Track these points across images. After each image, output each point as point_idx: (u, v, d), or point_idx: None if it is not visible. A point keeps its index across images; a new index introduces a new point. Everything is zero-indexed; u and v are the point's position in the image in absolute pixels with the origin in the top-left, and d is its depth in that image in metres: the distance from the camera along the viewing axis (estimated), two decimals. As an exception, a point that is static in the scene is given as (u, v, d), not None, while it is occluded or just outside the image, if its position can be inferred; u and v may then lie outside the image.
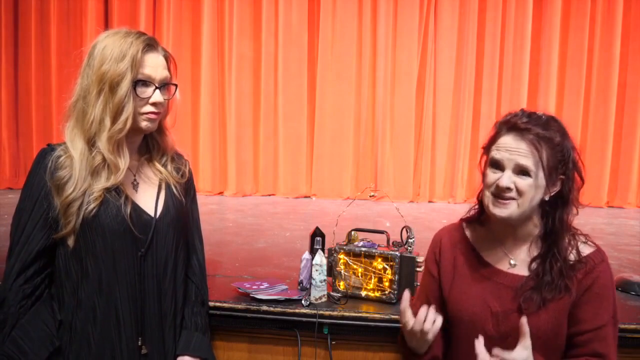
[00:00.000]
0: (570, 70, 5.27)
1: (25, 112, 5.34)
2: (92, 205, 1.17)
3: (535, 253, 1.17)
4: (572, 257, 1.13)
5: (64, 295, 1.22)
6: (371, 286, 1.65)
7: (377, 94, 5.34)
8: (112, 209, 1.20)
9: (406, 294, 1.17)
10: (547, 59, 5.25)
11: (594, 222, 4.11)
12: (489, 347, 1.13)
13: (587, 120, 5.30)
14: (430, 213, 4.46)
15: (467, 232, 1.28)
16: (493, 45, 5.28)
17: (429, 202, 5.30)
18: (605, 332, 1.11)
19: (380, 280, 1.63)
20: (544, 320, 1.11)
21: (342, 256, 1.67)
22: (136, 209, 1.24)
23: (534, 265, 1.15)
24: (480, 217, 1.27)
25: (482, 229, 1.26)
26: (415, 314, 1.17)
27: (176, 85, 1.28)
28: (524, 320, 1.05)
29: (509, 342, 1.12)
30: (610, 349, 1.10)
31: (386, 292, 1.62)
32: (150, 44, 1.21)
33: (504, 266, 1.19)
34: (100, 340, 1.20)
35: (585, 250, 1.15)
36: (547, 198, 1.13)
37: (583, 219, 4.14)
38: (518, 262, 1.18)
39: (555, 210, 1.14)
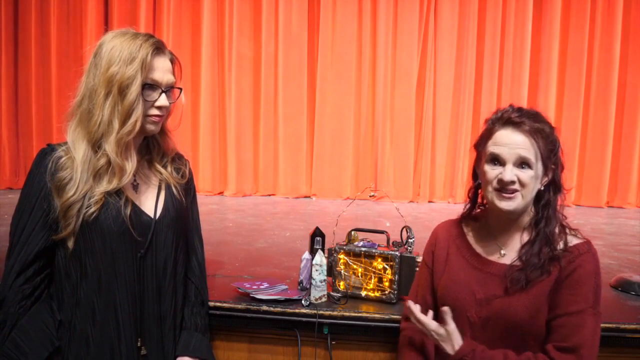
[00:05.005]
0: (570, 70, 5.28)
1: (25, 112, 5.34)
2: (92, 209, 1.17)
3: (525, 239, 1.20)
4: (559, 246, 1.16)
5: (64, 295, 1.22)
6: (371, 286, 1.65)
7: (377, 94, 5.34)
8: (112, 210, 1.19)
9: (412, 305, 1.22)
10: (547, 59, 5.25)
11: (594, 222, 4.12)
12: (471, 333, 1.18)
13: (587, 120, 5.30)
14: (430, 213, 4.46)
15: (464, 228, 1.32)
16: (493, 45, 5.28)
17: (429, 202, 5.30)
18: (581, 319, 1.10)
19: (380, 280, 1.63)
20: (523, 304, 1.13)
21: (342, 256, 1.67)
22: (136, 210, 1.24)
23: (523, 250, 1.18)
24: (471, 213, 1.32)
25: (477, 224, 1.30)
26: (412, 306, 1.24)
27: (181, 89, 1.28)
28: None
29: (490, 326, 1.16)
30: (584, 339, 1.08)
31: (386, 292, 1.62)
32: (159, 48, 1.21)
33: (494, 257, 1.23)
34: (100, 341, 1.20)
35: (574, 241, 1.17)
36: (542, 187, 1.17)
37: (583, 219, 4.14)
38: (508, 252, 1.21)
39: (549, 198, 1.18)
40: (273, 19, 5.31)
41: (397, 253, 1.59)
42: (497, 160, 1.15)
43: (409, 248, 1.64)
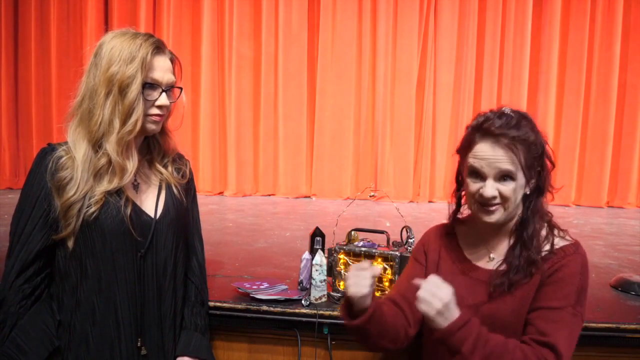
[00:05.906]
0: (570, 70, 5.28)
1: (25, 112, 5.35)
2: (92, 209, 1.17)
3: (512, 242, 1.19)
4: (546, 248, 1.14)
5: (63, 296, 1.22)
6: (371, 286, 1.65)
7: (377, 94, 5.34)
8: (112, 210, 1.19)
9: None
10: (547, 59, 5.25)
11: (594, 222, 4.12)
12: None
13: (587, 120, 5.30)
14: (430, 213, 4.46)
15: (456, 231, 1.31)
16: (493, 45, 5.28)
17: (429, 202, 5.30)
18: (560, 316, 1.07)
19: (380, 280, 1.63)
20: (510, 308, 1.12)
21: (342, 256, 1.67)
22: (136, 209, 1.24)
23: (508, 254, 1.17)
24: (456, 216, 1.30)
25: (466, 228, 1.29)
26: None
27: (181, 89, 1.28)
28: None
29: None
30: (562, 337, 1.05)
31: (386, 292, 1.62)
32: (159, 47, 1.21)
33: (483, 263, 1.22)
34: (100, 341, 1.20)
35: (561, 243, 1.16)
36: (527, 192, 1.16)
37: (583, 219, 4.13)
38: (497, 256, 1.20)
39: (532, 201, 1.16)
40: (273, 19, 5.31)
41: (397, 253, 1.59)
42: (477, 174, 1.13)
43: (409, 248, 1.64)
